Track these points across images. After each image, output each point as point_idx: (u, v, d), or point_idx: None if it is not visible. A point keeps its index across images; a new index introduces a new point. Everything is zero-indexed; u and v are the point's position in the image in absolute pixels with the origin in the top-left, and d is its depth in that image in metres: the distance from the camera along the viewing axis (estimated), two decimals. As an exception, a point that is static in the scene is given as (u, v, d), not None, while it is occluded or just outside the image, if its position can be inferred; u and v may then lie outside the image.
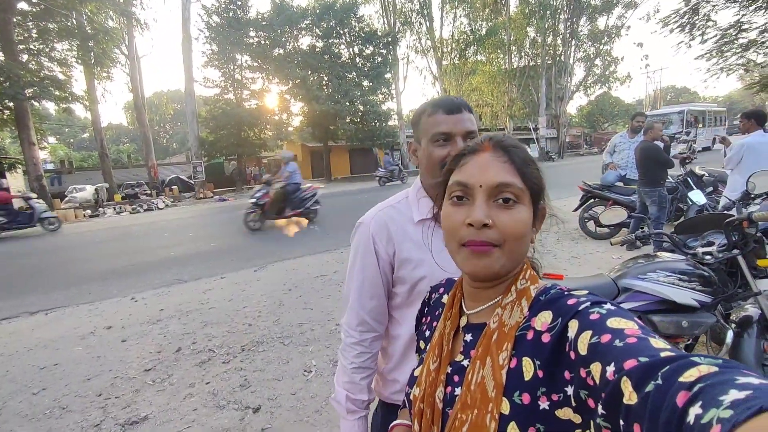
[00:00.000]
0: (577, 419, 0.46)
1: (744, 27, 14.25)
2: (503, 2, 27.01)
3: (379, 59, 24.87)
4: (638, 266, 1.92)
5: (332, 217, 10.32)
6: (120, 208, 16.46)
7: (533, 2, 25.48)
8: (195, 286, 5.28)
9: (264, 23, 21.09)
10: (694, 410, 0.29)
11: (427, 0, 26.95)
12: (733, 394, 0.28)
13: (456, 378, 0.59)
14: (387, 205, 1.07)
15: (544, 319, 0.52)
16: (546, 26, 25.56)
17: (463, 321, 0.64)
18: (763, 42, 14.10)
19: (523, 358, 0.51)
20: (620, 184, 5.79)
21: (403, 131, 27.71)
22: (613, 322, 0.44)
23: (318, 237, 7.96)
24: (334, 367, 2.98)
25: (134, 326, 4.02)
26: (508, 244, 0.55)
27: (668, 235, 1.95)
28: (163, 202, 17.72)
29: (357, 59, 24.99)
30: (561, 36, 26.60)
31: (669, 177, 5.13)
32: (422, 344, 0.74)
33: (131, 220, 13.59)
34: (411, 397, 0.65)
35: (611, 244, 2.11)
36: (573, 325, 0.47)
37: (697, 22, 14.99)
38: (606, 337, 0.42)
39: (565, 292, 0.54)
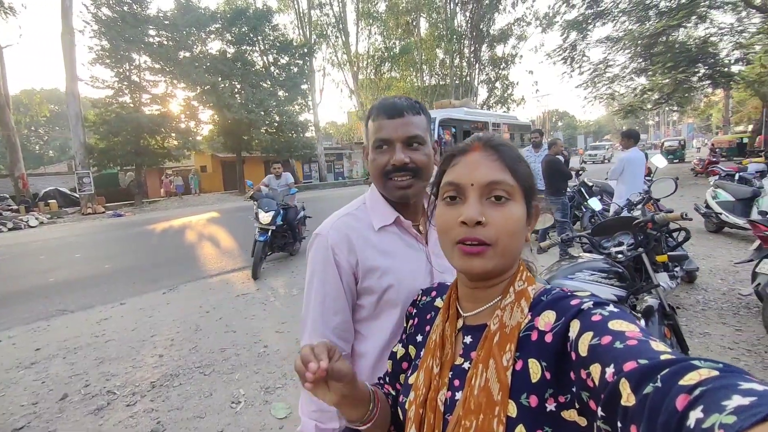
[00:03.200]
0: (582, 422, 0.46)
1: (610, 63, 17.11)
2: (414, 24, 28.63)
3: (296, 70, 24.47)
4: (565, 268, 2.09)
5: (244, 233, 9.72)
6: (-27, 227, 13.47)
7: (441, 27, 27.46)
8: (85, 316, 4.47)
9: (166, 22, 19.33)
10: (695, 414, 0.28)
11: (343, 15, 27.42)
12: (737, 400, 0.27)
13: (456, 382, 0.57)
14: (345, 213, 0.99)
15: (547, 319, 0.51)
16: (453, 49, 27.69)
17: (460, 323, 0.62)
18: (624, 76, 17.06)
19: (530, 360, 0.50)
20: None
21: (321, 143, 27.49)
22: (614, 324, 0.43)
23: (236, 254, 7.38)
24: (266, 395, 2.71)
25: (-1, 373, 3.23)
26: (502, 242, 0.54)
27: (588, 237, 2.16)
28: (36, 218, 14.95)
29: (272, 68, 24.27)
30: (466, 59, 29.03)
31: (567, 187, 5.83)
32: (412, 349, 0.72)
33: (-9, 241, 11.18)
34: (406, 404, 0.62)
35: (541, 248, 2.27)
36: (574, 326, 0.47)
37: (575, 56, 17.59)
38: (606, 339, 0.41)
39: (568, 293, 0.54)
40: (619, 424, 0.36)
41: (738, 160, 14.49)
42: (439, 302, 0.71)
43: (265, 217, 5.77)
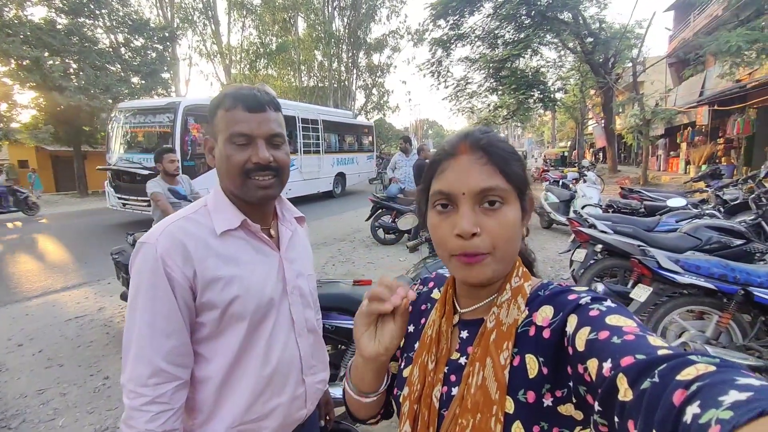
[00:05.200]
0: (578, 416, 0.47)
1: (469, 81, 19.42)
2: (292, 22, 27.92)
3: (154, 55, 21.40)
4: (431, 264, 2.22)
5: (84, 242, 8.10)
6: None
7: (319, 29, 27.39)
8: None
9: (-41, -28, 14.87)
10: (692, 409, 0.28)
11: (212, 1, 25.13)
12: (734, 395, 0.27)
13: (453, 377, 0.57)
14: (179, 217, 0.85)
15: (545, 314, 0.52)
16: (331, 53, 27.87)
17: (456, 318, 0.62)
18: (480, 93, 19.57)
19: (527, 356, 0.51)
20: (401, 195, 6.79)
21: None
22: (612, 319, 0.44)
23: (70, 268, 6.04)
24: (102, 439, 2.24)
25: None
26: (500, 249, 0.53)
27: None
28: None
29: (122, 50, 20.76)
30: (344, 64, 29.56)
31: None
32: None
33: None
34: (400, 398, 0.62)
35: (407, 247, 2.38)
36: (572, 321, 0.47)
37: (441, 71, 19.46)
38: (604, 334, 0.42)
39: (566, 288, 0.54)
40: (616, 419, 0.35)
41: (561, 169, 18.01)
42: (436, 293, 0.69)
43: None
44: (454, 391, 0.55)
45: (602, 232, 3.29)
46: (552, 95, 18.93)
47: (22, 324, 3.90)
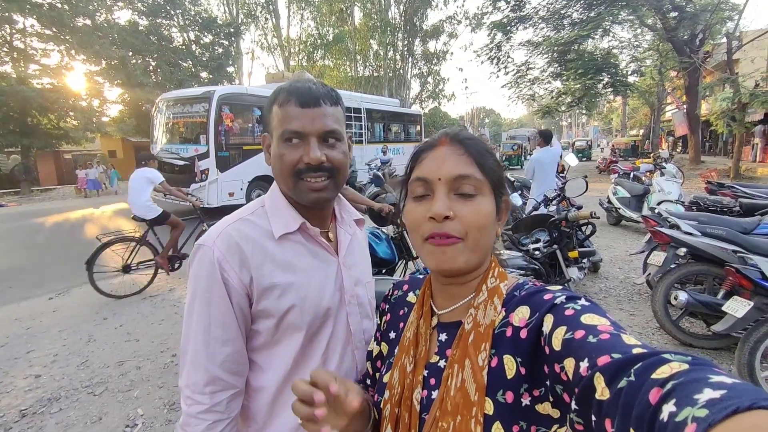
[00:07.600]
0: (555, 414, 0.47)
1: (531, 66, 18.34)
2: (348, 12, 28.14)
3: (221, 50, 22.78)
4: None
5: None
6: None
7: (375, 17, 27.33)
8: (-61, 331, 3.67)
9: (59, -18, 16.72)
10: (668, 408, 0.29)
11: (273, -4, 26.04)
12: (708, 393, 0.28)
13: (432, 381, 0.57)
14: (237, 219, 0.81)
15: (521, 315, 0.52)
16: (387, 41, 27.74)
17: (434, 321, 0.61)
18: (543, 79, 18.41)
19: (505, 356, 0.51)
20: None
21: (250, 130, 26.01)
22: (587, 318, 0.44)
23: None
24: (170, 413, 2.41)
25: None
26: (471, 236, 0.54)
27: (507, 234, 2.20)
28: None
29: (193, 47, 22.29)
30: (400, 52, 29.31)
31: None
32: (385, 346, 0.70)
33: None
34: (381, 404, 0.62)
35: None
36: (548, 320, 0.47)
37: (500, 57, 18.55)
38: (580, 333, 0.42)
39: (541, 287, 0.54)
40: (593, 418, 0.36)
41: (633, 160, 16.48)
42: (411, 297, 0.70)
43: None
44: (434, 394, 0.55)
45: (687, 233, 2.91)
46: (624, 79, 17.28)
47: (108, 299, 4.35)
